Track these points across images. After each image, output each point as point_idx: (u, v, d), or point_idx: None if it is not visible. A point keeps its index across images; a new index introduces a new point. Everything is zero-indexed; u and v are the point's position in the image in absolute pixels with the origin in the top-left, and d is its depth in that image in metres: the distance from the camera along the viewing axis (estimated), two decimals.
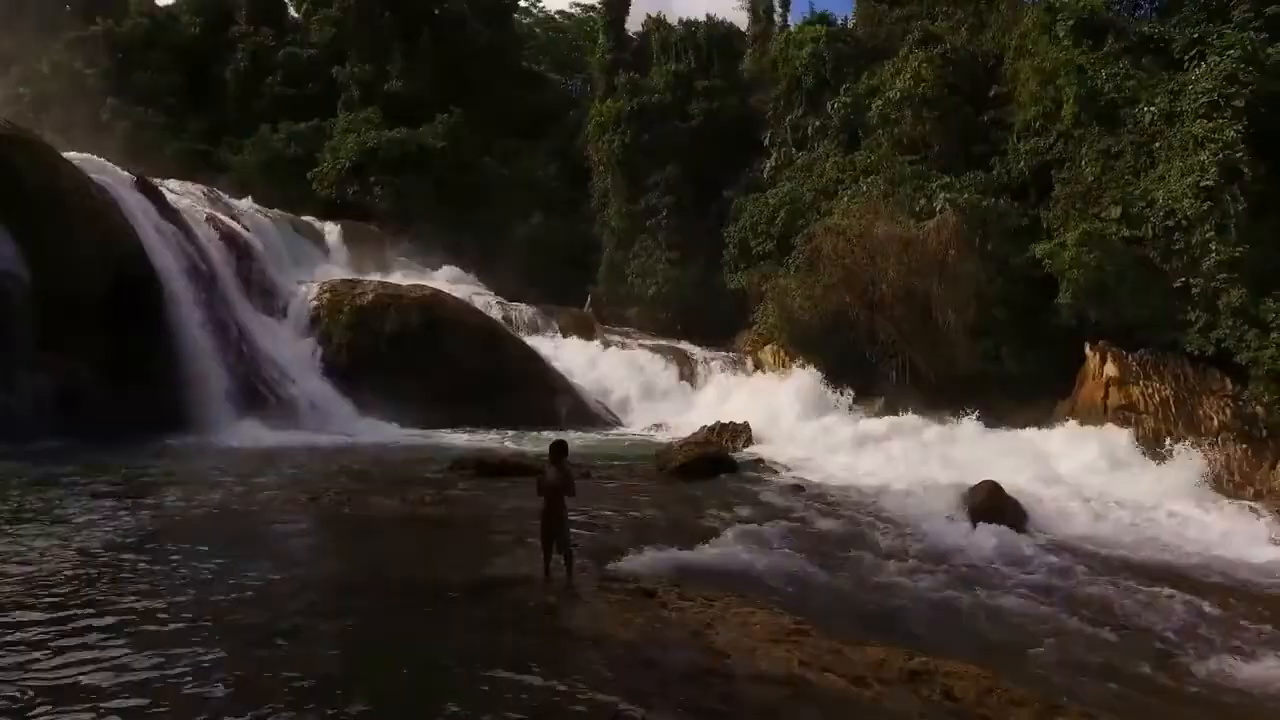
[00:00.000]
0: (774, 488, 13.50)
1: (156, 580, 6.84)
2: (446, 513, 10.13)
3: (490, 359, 21.68)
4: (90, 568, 7.03)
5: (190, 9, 44.56)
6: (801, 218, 28.83)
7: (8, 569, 6.86)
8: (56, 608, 6.01)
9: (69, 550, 7.55)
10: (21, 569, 6.88)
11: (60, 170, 16.68)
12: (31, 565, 6.99)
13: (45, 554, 7.37)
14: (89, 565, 7.10)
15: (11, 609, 5.93)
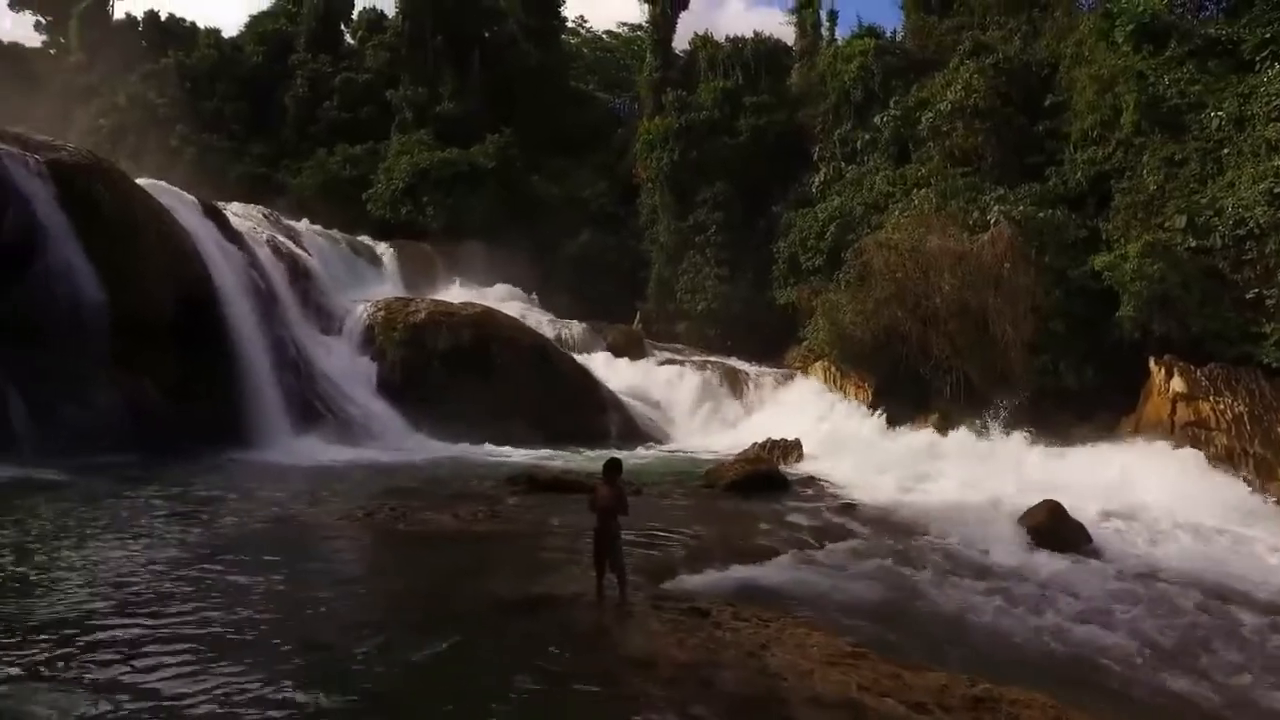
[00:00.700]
0: (827, 505, 13.29)
1: (221, 593, 6.99)
2: (499, 529, 10.18)
3: (541, 376, 21.84)
4: (160, 581, 7.23)
5: (254, 39, 46.24)
6: (851, 232, 28.55)
7: (87, 580, 7.08)
8: (130, 618, 6.19)
9: (141, 563, 7.78)
10: (99, 580, 7.10)
11: (134, 197, 17.35)
12: (107, 577, 7.21)
13: (120, 566, 7.60)
14: (159, 578, 7.30)
15: (92, 618, 6.12)
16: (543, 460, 17.19)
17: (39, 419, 14.33)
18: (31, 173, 15.28)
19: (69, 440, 14.46)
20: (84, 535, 8.80)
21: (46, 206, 15.31)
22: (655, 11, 40.95)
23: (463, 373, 20.66)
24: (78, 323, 15.24)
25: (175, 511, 10.34)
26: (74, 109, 45.92)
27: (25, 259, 14.80)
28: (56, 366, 14.79)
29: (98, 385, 15.41)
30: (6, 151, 15.12)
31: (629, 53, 50.80)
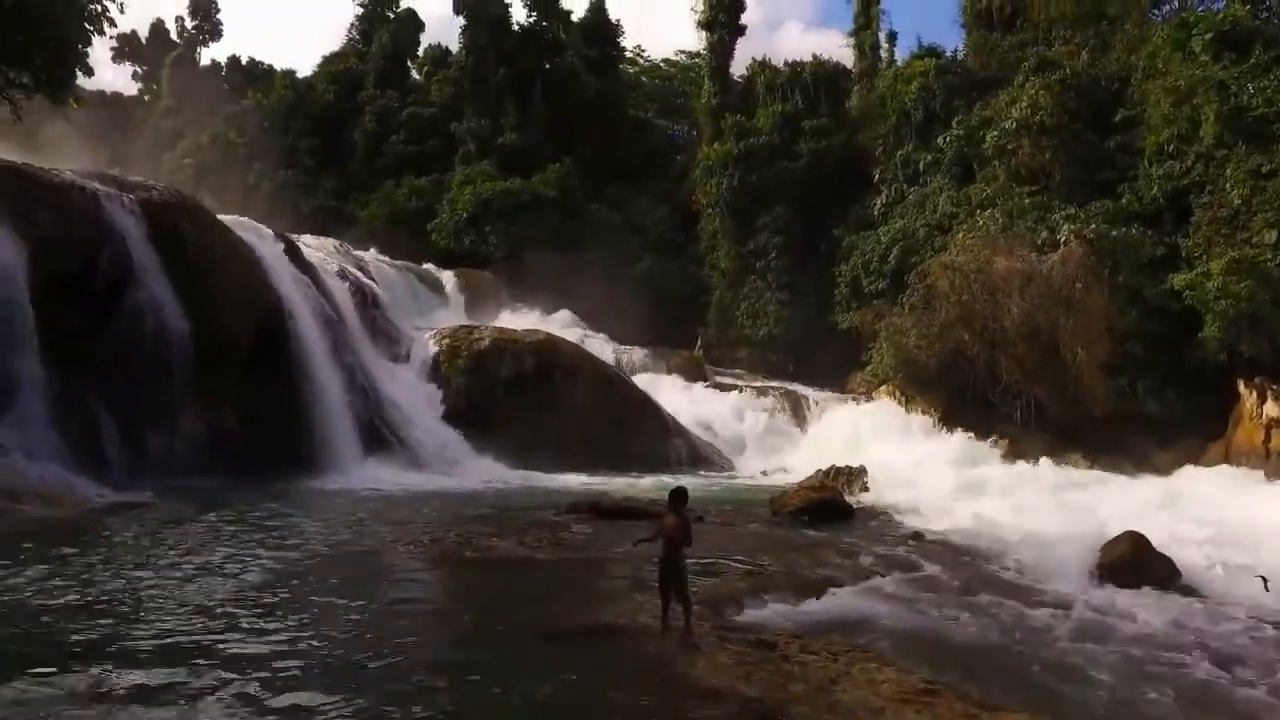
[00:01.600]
0: (894, 535, 12.99)
1: (299, 618, 7.18)
2: (563, 556, 10.23)
3: (603, 402, 21.97)
4: (243, 603, 7.48)
5: (326, 78, 48.19)
6: (915, 254, 28.16)
7: (178, 602, 7.37)
8: (219, 639, 6.44)
9: (225, 585, 8.07)
10: (188, 602, 7.40)
11: (216, 232, 18.15)
12: (195, 599, 7.50)
13: (206, 589, 7.90)
14: (242, 601, 7.55)
15: (182, 639, 6.38)
16: (605, 487, 17.24)
17: (129, 444, 15.02)
18: (126, 211, 16.14)
19: (156, 465, 15.16)
20: (173, 558, 9.16)
21: (138, 243, 16.13)
22: (713, 39, 41.29)
23: (526, 399, 20.93)
24: (165, 353, 15.95)
25: (253, 536, 10.68)
26: (163, 150, 48.50)
27: (120, 293, 15.60)
28: (145, 395, 15.52)
29: (182, 413, 16.09)
30: (105, 193, 16.01)
31: (687, 79, 51.27)
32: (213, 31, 58.56)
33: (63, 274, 14.98)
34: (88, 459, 14.19)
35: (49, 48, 16.31)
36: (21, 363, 13.81)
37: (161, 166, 44.95)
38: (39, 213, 14.81)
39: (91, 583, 7.99)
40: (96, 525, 11.01)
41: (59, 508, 12.04)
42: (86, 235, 15.51)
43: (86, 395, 14.85)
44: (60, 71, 16.88)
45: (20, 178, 15.09)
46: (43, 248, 14.58)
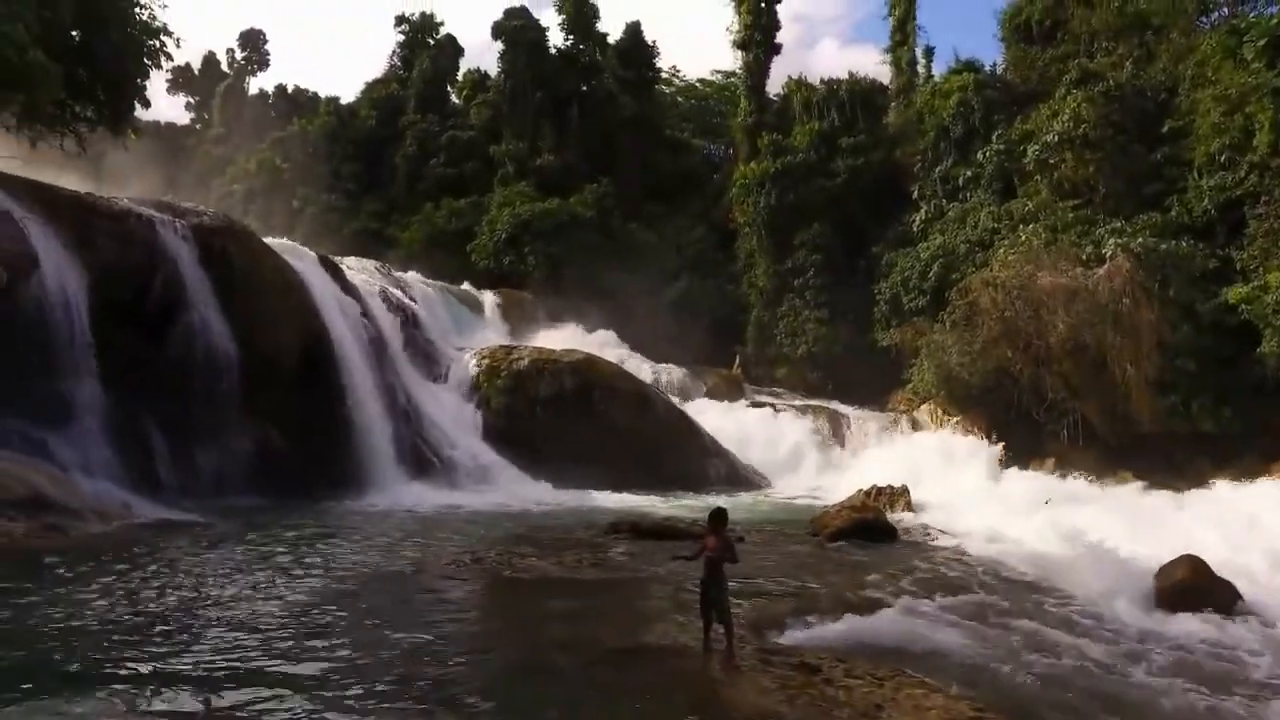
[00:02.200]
0: (939, 556, 12.75)
1: (341, 639, 7.25)
2: (604, 576, 10.21)
3: (641, 421, 21.98)
4: (292, 622, 7.59)
5: (368, 104, 49.31)
6: (956, 271, 27.84)
7: (232, 623, 7.51)
8: (273, 658, 6.53)
9: (273, 604, 8.19)
10: (239, 621, 7.53)
11: (262, 255, 18.60)
12: (245, 619, 7.63)
13: (256, 608, 8.04)
14: (291, 620, 7.66)
15: (238, 658, 6.49)
16: (644, 506, 17.21)
17: (180, 463, 15.39)
18: (178, 237, 16.63)
19: (205, 483, 15.51)
20: (221, 577, 9.33)
21: (190, 267, 16.59)
22: (748, 58, 41.47)
23: (565, 419, 21.01)
24: (213, 373, 16.34)
25: (299, 555, 10.84)
26: (213, 177, 50.01)
27: (172, 316, 16.06)
28: (195, 415, 15.90)
29: (230, 432, 16.44)
30: (159, 219, 16.53)
31: (723, 99, 51.49)
32: (261, 62, 60.49)
33: (119, 298, 15.47)
34: (141, 477, 14.58)
35: (111, 83, 16.99)
36: (81, 384, 14.27)
37: (211, 192, 46.32)
38: (99, 240, 15.35)
39: (142, 601, 8.17)
40: (149, 542, 11.27)
41: (113, 524, 12.35)
42: (142, 261, 16.01)
43: (140, 415, 15.26)
44: (121, 105, 17.58)
45: (83, 207, 15.66)
46: (102, 273, 15.09)
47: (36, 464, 12.74)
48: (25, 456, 12.77)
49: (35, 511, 11.37)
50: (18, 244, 13.73)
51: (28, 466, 12.38)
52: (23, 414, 13.43)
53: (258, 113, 54.54)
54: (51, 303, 14.02)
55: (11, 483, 11.52)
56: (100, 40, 16.36)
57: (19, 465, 12.23)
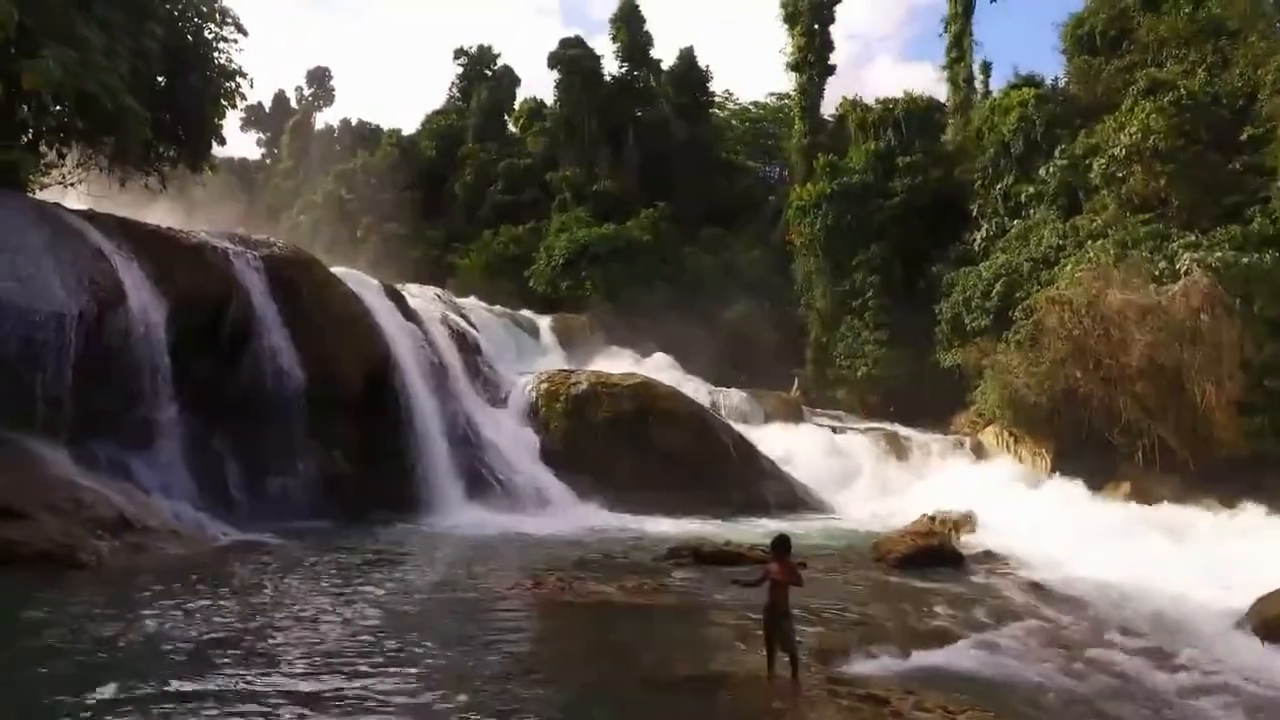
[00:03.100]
0: (1009, 585, 12.36)
1: (406, 663, 7.36)
2: (665, 602, 10.16)
3: (700, 445, 21.86)
4: (360, 645, 7.75)
5: (428, 135, 50.72)
6: (1020, 289, 27.19)
7: (293, 645, 7.70)
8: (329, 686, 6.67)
9: (341, 627, 8.37)
10: (301, 646, 7.70)
11: (329, 284, 19.17)
12: (314, 641, 7.81)
13: (326, 630, 8.24)
14: (359, 643, 7.81)
15: (296, 682, 6.64)
16: (703, 531, 17.08)
17: (251, 486, 15.86)
18: (250, 267, 17.27)
19: (274, 505, 15.91)
20: (290, 599, 9.58)
21: (260, 295, 17.19)
22: (802, 79, 41.46)
23: (623, 443, 21.02)
24: (283, 399, 16.83)
25: (364, 577, 11.07)
26: (283, 209, 51.96)
27: (243, 343, 16.64)
28: (265, 439, 16.38)
29: (298, 456, 16.88)
30: (233, 250, 17.22)
31: (777, 121, 51.50)
32: (327, 98, 62.87)
33: (196, 326, 16.11)
34: (215, 499, 15.07)
35: (192, 124, 17.86)
36: (162, 410, 14.88)
37: (281, 223, 48.08)
38: (179, 271, 16.04)
39: (222, 621, 8.42)
40: (223, 563, 11.64)
41: (190, 545, 12.79)
42: (216, 290, 16.66)
43: (213, 439, 15.81)
44: (200, 144, 18.45)
45: (164, 240, 16.41)
46: (181, 303, 15.75)
47: (122, 486, 13.30)
48: (112, 479, 13.35)
49: (121, 532, 11.84)
50: (108, 278, 14.45)
51: (114, 489, 12.93)
52: (110, 438, 14.08)
53: (324, 146, 56.58)
54: (136, 332, 14.67)
55: (101, 504, 12.05)
56: (183, 85, 17.24)
57: (107, 487, 12.78)
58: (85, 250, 14.61)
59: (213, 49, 18.09)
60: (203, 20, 17.95)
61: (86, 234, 14.98)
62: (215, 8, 18.10)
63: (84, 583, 10.03)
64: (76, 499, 11.89)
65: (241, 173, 57.17)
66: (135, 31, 15.48)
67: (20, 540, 10.65)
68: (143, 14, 15.87)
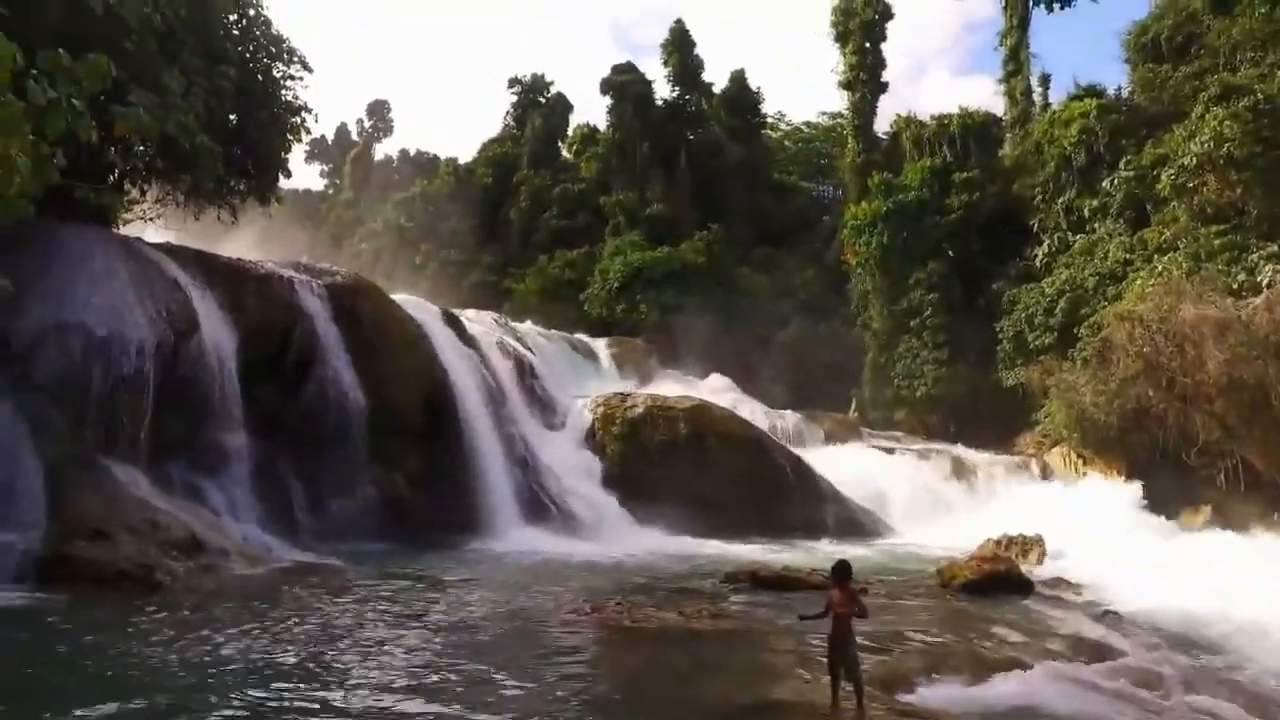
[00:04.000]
0: (1082, 614, 11.88)
1: (469, 690, 7.39)
2: (725, 627, 10.04)
3: (756, 467, 21.67)
4: (421, 669, 7.84)
5: (483, 163, 51.77)
6: (1085, 306, 26.43)
7: (356, 669, 7.82)
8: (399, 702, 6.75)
9: (403, 650, 8.48)
10: (363, 670, 7.82)
11: (388, 310, 19.63)
12: (371, 667, 7.91)
13: (387, 653, 8.36)
14: (420, 667, 7.91)
15: (357, 706, 6.74)
16: (761, 554, 16.89)
17: (315, 508, 16.24)
18: (314, 295, 17.80)
19: (337, 527, 16.25)
20: (352, 622, 9.75)
21: (323, 322, 17.69)
22: (855, 98, 41.20)
23: (680, 465, 20.95)
24: (344, 423, 17.23)
25: (426, 599, 11.21)
26: (344, 238, 53.50)
27: (307, 368, 17.12)
28: (328, 462, 16.78)
29: (359, 479, 17.24)
30: (298, 279, 17.79)
31: (830, 140, 51.24)
32: (386, 129, 64.79)
33: (263, 353, 16.64)
34: (280, 521, 15.47)
35: (260, 159, 18.63)
36: (231, 434, 15.38)
37: (343, 252, 49.49)
38: (248, 300, 16.63)
39: (285, 644, 8.59)
40: (289, 584, 11.91)
41: (258, 566, 13.14)
42: (283, 318, 17.20)
43: (279, 463, 16.25)
44: (268, 178, 19.21)
45: (234, 271, 17.05)
46: (249, 331, 16.32)
47: (194, 508, 13.77)
48: (185, 501, 13.84)
49: (194, 553, 12.24)
50: (184, 308, 15.07)
51: (187, 511, 13.40)
52: (183, 462, 14.62)
53: (384, 176, 58.21)
54: (208, 360, 15.23)
55: (175, 526, 12.48)
56: (253, 122, 18.01)
57: (180, 509, 13.24)
58: (163, 282, 15.26)
59: (280, 86, 18.85)
60: (271, 60, 18.74)
61: (164, 267, 15.66)
62: (283, 48, 18.87)
63: (160, 602, 10.37)
64: (153, 520, 12.34)
65: (306, 203, 59.09)
66: (210, 74, 16.25)
67: (104, 560, 11.13)
68: (217, 58, 16.69)
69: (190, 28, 15.98)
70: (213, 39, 16.78)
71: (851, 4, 40.72)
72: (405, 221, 50.04)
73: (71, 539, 11.46)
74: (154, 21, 14.65)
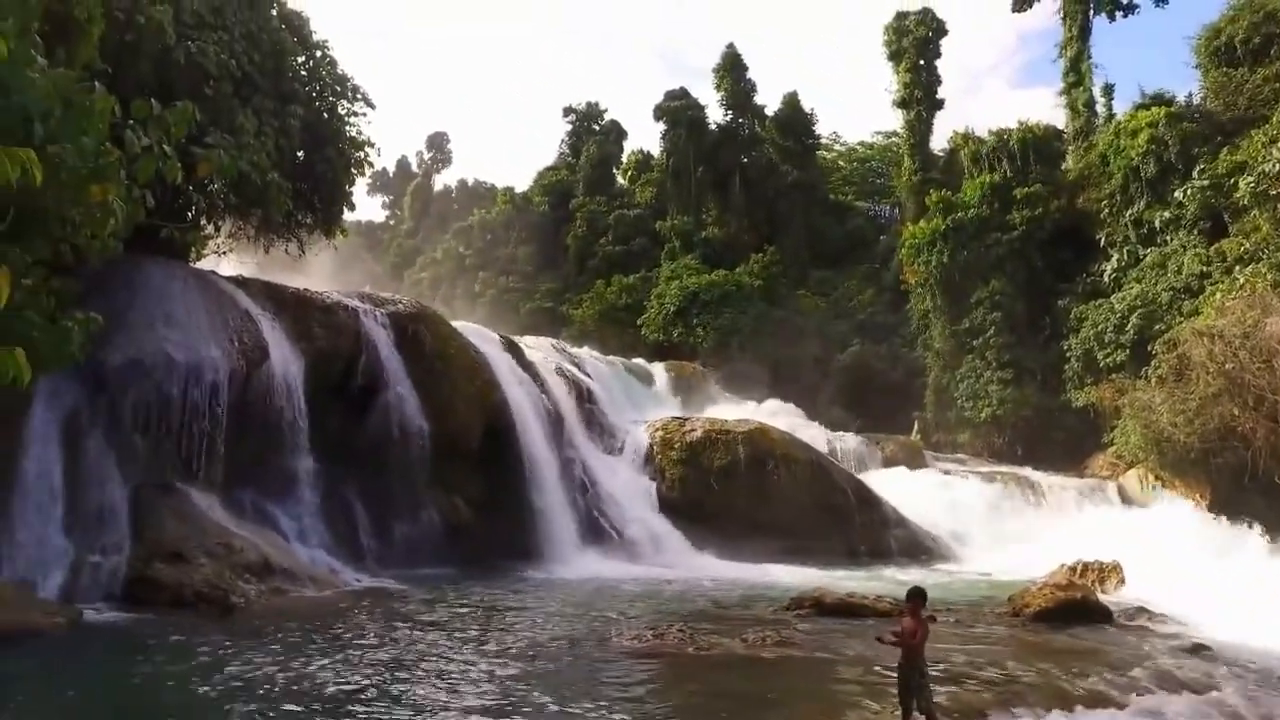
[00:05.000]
0: (1167, 646, 11.30)
1: (535, 711, 7.40)
2: (790, 655, 9.85)
3: (817, 491, 21.34)
4: (476, 699, 7.86)
5: (540, 191, 52.71)
6: (1159, 321, 25.50)
7: (421, 696, 7.90)
8: None
9: (463, 679, 8.53)
10: (436, 686, 7.90)
11: (449, 336, 19.98)
12: (436, 694, 7.99)
13: (446, 680, 8.42)
14: (477, 694, 7.94)
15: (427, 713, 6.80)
16: (823, 580, 16.52)
17: (379, 533, 16.54)
18: (377, 324, 18.24)
19: (400, 552, 16.52)
20: (417, 647, 9.87)
21: (387, 350, 18.09)
22: (910, 116, 40.80)
23: (739, 490, 20.76)
24: (407, 448, 17.54)
25: (489, 624, 11.28)
26: (405, 266, 54.92)
27: (371, 395, 17.51)
28: (391, 487, 17.09)
29: (422, 504, 17.50)
30: (362, 308, 18.27)
31: (886, 159, 50.75)
32: (444, 160, 66.55)
33: (329, 381, 17.10)
34: (346, 545, 15.81)
35: (326, 193, 19.31)
36: (299, 460, 15.80)
37: (404, 280, 50.78)
38: (315, 329, 17.14)
39: (356, 668, 8.74)
40: (356, 609, 12.12)
41: (325, 590, 13.41)
42: (348, 346, 17.66)
43: (344, 488, 16.62)
44: (333, 211, 19.87)
45: (302, 302, 17.61)
46: (316, 359, 16.80)
47: (265, 533, 14.16)
48: (257, 526, 14.25)
49: (265, 576, 12.59)
50: (254, 338, 15.60)
51: (259, 535, 13.79)
52: (253, 487, 15.06)
53: (443, 206, 59.76)
54: (277, 388, 15.71)
55: (248, 550, 12.86)
56: (319, 157, 18.69)
57: (252, 534, 13.64)
58: (236, 313, 15.84)
59: (345, 123, 19.53)
60: (336, 98, 19.44)
61: (237, 298, 16.26)
62: (347, 86, 19.56)
63: (235, 624, 10.68)
64: (228, 544, 12.74)
65: (368, 234, 60.94)
66: (280, 113, 16.96)
67: (183, 582, 11.56)
68: (287, 99, 17.41)
69: (263, 72, 16.71)
70: (283, 81, 17.53)
71: (904, 22, 40.45)
72: (464, 250, 51.15)
73: (152, 561, 11.92)
74: (230, 67, 15.37)
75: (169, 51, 14.07)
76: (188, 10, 14.83)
